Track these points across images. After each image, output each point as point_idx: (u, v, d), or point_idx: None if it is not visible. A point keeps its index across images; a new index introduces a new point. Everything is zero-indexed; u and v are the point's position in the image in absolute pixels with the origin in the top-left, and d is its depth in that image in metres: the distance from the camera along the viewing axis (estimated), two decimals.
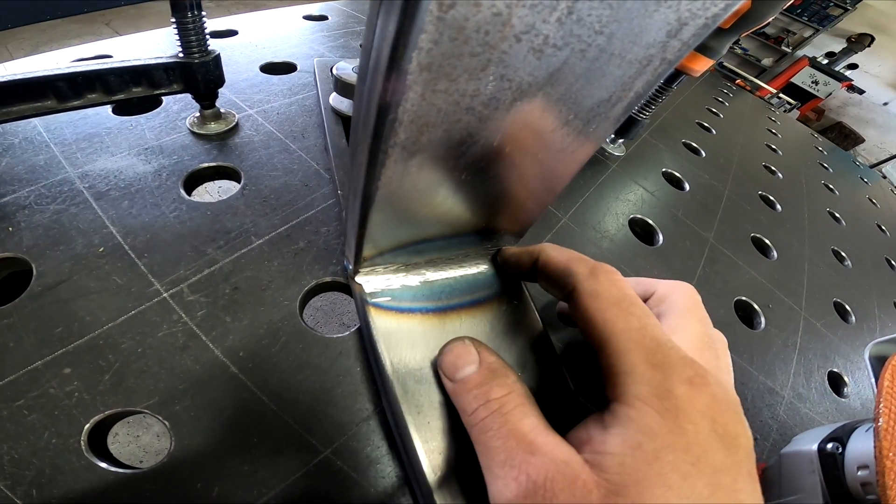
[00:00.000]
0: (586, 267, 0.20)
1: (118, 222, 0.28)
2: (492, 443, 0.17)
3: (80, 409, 0.21)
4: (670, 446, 0.14)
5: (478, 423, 0.18)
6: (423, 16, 0.11)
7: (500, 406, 0.17)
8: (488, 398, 0.18)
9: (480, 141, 0.16)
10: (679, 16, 0.13)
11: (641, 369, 0.16)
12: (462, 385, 0.19)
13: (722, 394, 0.16)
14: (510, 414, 0.17)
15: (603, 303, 0.18)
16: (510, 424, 0.17)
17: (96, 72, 0.28)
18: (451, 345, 0.21)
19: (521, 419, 0.17)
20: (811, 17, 3.41)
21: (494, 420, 0.17)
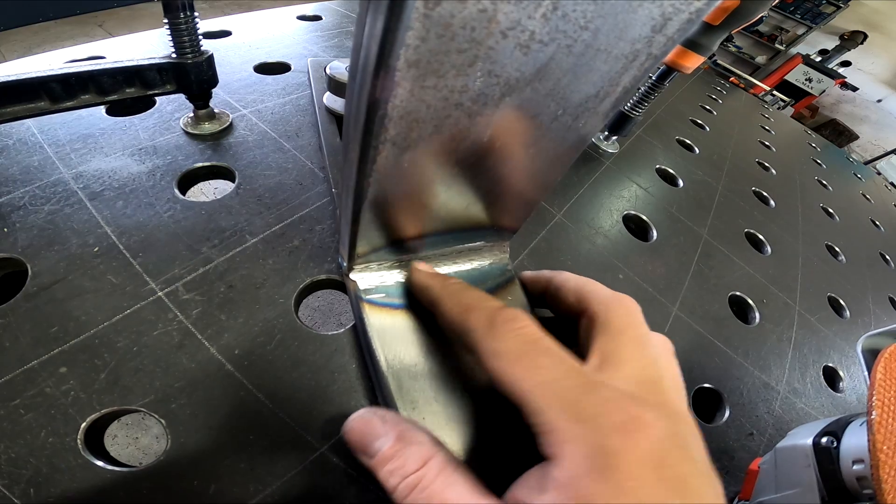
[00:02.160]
0: (484, 319, 0.18)
1: (113, 222, 0.28)
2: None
3: (77, 408, 0.21)
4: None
5: (404, 500, 0.16)
6: (410, 13, 0.11)
7: (419, 480, 0.16)
8: (405, 474, 0.16)
9: (471, 137, 0.16)
10: (663, 11, 0.13)
11: (565, 427, 0.15)
12: (377, 462, 0.17)
13: (663, 430, 0.15)
14: (432, 487, 0.16)
15: (504, 361, 0.17)
16: (435, 498, 0.16)
17: (89, 73, 0.28)
18: (354, 419, 0.19)
19: (444, 490, 0.16)
20: (804, 14, 3.43)
21: (418, 497, 0.16)
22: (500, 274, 0.27)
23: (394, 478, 0.16)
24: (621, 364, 0.17)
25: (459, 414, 0.21)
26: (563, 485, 0.14)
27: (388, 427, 0.18)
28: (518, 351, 0.17)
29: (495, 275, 0.27)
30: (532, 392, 0.16)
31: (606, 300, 0.20)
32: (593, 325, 0.19)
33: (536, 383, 0.16)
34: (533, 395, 0.16)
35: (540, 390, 0.16)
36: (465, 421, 0.21)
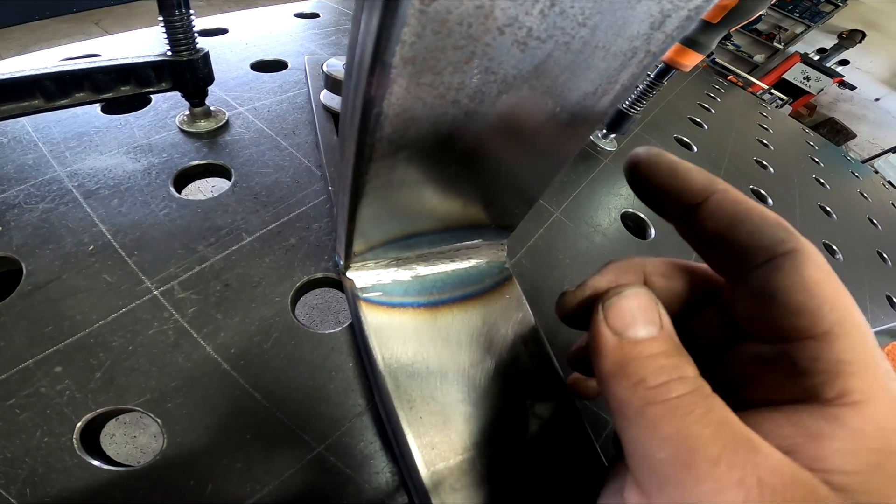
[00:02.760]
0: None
1: (108, 221, 0.28)
2: (695, 430, 0.12)
3: (72, 408, 0.20)
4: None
5: (666, 401, 0.13)
6: (406, 9, 0.11)
7: (700, 386, 0.13)
8: (683, 374, 0.13)
9: (468, 134, 0.16)
10: (662, 8, 0.13)
11: (881, 372, 0.13)
12: (638, 346, 0.14)
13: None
14: (713, 399, 0.13)
15: (837, 282, 0.14)
16: (719, 411, 0.13)
17: (84, 70, 0.28)
18: (627, 291, 0.15)
19: (726, 409, 0.13)
20: (803, 13, 3.43)
21: (697, 402, 0.13)
22: (498, 272, 0.27)
23: (665, 372, 0.13)
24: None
25: (457, 413, 0.21)
26: (864, 429, 0.12)
27: (664, 323, 0.15)
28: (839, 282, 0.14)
29: (493, 273, 0.27)
30: (858, 322, 0.13)
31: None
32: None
33: (861, 318, 0.14)
34: (859, 325, 0.13)
35: (863, 325, 0.13)
36: (465, 420, 0.21)
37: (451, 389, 0.22)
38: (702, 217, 0.16)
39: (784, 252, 0.14)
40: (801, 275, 0.14)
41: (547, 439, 0.22)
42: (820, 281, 0.13)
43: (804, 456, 0.12)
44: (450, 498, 0.19)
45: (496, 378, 0.23)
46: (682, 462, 0.12)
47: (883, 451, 0.12)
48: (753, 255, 0.15)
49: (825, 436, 0.12)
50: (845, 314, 0.13)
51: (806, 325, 0.13)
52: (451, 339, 0.23)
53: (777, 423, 0.13)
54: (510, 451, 0.21)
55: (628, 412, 0.13)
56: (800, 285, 0.14)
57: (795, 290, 0.14)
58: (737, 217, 0.15)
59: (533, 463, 0.21)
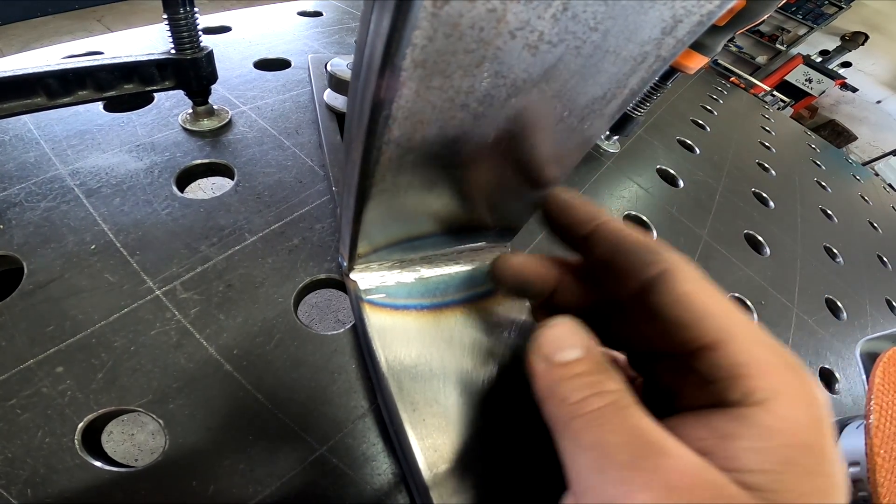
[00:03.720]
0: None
1: (110, 220, 0.27)
2: (608, 438, 0.13)
3: (74, 408, 0.20)
4: (824, 457, 0.12)
5: (585, 414, 0.14)
6: (418, 12, 0.11)
7: (617, 399, 0.14)
8: (601, 388, 0.14)
9: (475, 138, 0.16)
10: (674, 13, 0.13)
11: (781, 367, 0.13)
12: (563, 369, 0.15)
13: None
14: (629, 409, 0.14)
15: (711, 292, 0.15)
16: (633, 420, 0.13)
17: (87, 68, 0.28)
18: (552, 322, 0.16)
19: (642, 417, 0.14)
20: (806, 15, 3.43)
21: (610, 413, 0.14)
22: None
23: (586, 388, 0.14)
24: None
25: (460, 416, 0.21)
26: (771, 427, 0.13)
27: (588, 345, 0.16)
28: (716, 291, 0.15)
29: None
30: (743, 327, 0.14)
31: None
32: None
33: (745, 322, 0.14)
34: (743, 330, 0.14)
35: (749, 329, 0.14)
36: (467, 423, 0.21)
37: (454, 392, 0.22)
38: (590, 246, 0.18)
39: (654, 273, 0.15)
40: (674, 292, 0.15)
41: (549, 442, 0.22)
42: (692, 294, 0.15)
43: (718, 457, 0.13)
44: (452, 499, 0.19)
45: (499, 381, 0.23)
46: (598, 468, 0.13)
47: (794, 446, 0.13)
48: (631, 278, 0.16)
49: (735, 436, 0.13)
50: (727, 321, 0.14)
51: (692, 336, 0.14)
52: (454, 342, 0.23)
53: (693, 427, 0.14)
54: (512, 453, 0.21)
55: (558, 427, 0.15)
56: (673, 302, 0.15)
57: (671, 307, 0.15)
58: (614, 245, 0.17)
59: (534, 465, 0.21)
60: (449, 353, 0.23)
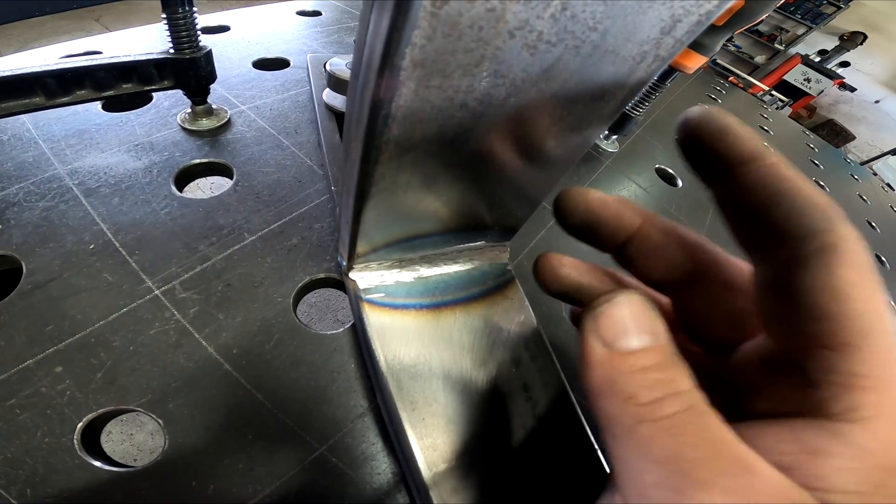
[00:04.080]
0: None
1: (108, 219, 0.27)
2: (686, 452, 0.11)
3: (73, 408, 0.20)
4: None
5: (657, 420, 0.12)
6: (417, 11, 0.11)
7: (694, 403, 0.12)
8: (676, 388, 0.12)
9: (474, 137, 0.16)
10: (673, 13, 0.13)
11: (893, 383, 0.12)
12: (628, 359, 0.13)
13: None
14: (707, 416, 0.12)
15: (874, 287, 0.12)
16: (714, 431, 0.12)
17: (85, 68, 0.28)
18: (618, 298, 0.14)
19: (721, 427, 0.12)
20: (804, 14, 3.43)
21: (687, 420, 0.12)
22: (500, 274, 0.27)
23: (659, 387, 0.12)
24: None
25: (459, 415, 0.21)
26: (866, 448, 0.11)
27: (658, 331, 0.13)
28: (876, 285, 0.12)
29: (495, 275, 0.27)
30: (886, 335, 0.12)
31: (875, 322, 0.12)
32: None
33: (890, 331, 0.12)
34: (886, 338, 0.12)
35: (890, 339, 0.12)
36: (466, 422, 0.21)
37: (453, 391, 0.22)
38: (743, 187, 0.14)
39: (820, 246, 0.12)
40: (833, 275, 0.12)
41: (548, 441, 0.22)
42: (853, 284, 0.12)
43: (803, 474, 0.11)
44: (451, 499, 0.19)
45: (498, 380, 0.23)
46: (672, 487, 0.11)
47: (889, 469, 0.11)
48: (786, 241, 0.13)
49: (827, 453, 0.12)
50: (873, 325, 0.12)
51: (827, 332, 0.12)
52: (453, 341, 0.23)
53: (778, 438, 0.12)
54: (511, 452, 0.21)
55: (617, 430, 0.12)
56: (829, 287, 0.12)
57: (823, 292, 0.12)
58: (779, 194, 0.13)
59: (534, 465, 0.21)
60: (448, 353, 0.23)
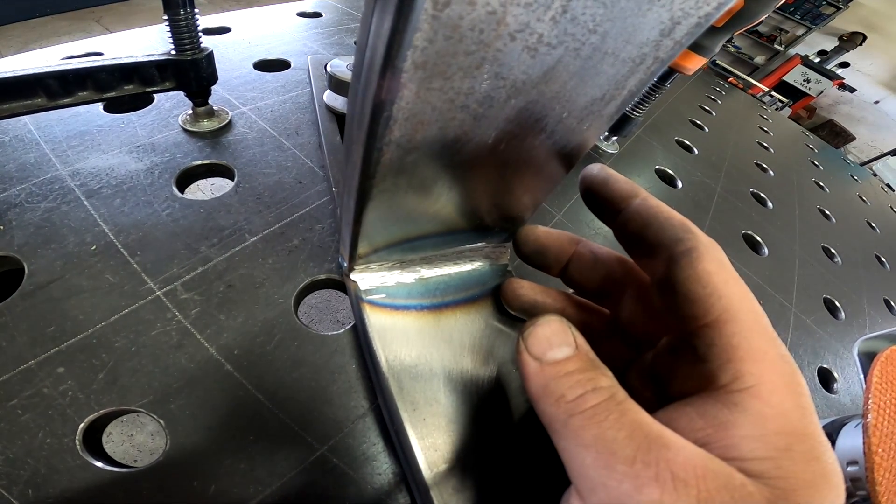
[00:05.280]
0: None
1: (110, 220, 0.27)
2: (610, 434, 0.13)
3: (75, 409, 0.20)
4: (818, 443, 0.13)
5: (583, 411, 0.14)
6: (419, 14, 0.11)
7: (614, 394, 0.14)
8: (597, 385, 0.14)
9: (475, 139, 0.16)
10: (672, 15, 0.13)
11: (772, 355, 0.14)
12: (555, 367, 0.15)
13: None
14: (626, 403, 0.14)
15: (730, 276, 0.15)
16: (632, 414, 0.14)
17: (87, 69, 0.28)
18: (541, 321, 0.17)
19: (639, 411, 0.14)
20: (804, 15, 3.44)
21: (609, 408, 0.14)
22: (501, 275, 0.27)
23: (581, 386, 0.14)
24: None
25: (460, 415, 0.21)
26: (765, 415, 0.13)
27: (578, 343, 0.16)
28: (735, 275, 0.16)
29: (495, 276, 0.27)
30: (749, 314, 0.15)
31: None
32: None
33: (752, 308, 0.15)
34: (749, 316, 0.15)
35: (754, 317, 0.15)
36: (467, 423, 0.21)
37: (454, 391, 0.22)
38: (625, 219, 0.19)
39: (683, 249, 0.16)
40: (696, 268, 0.15)
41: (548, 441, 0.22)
42: (711, 272, 0.15)
43: (717, 446, 0.13)
44: (452, 499, 0.19)
45: (499, 380, 0.23)
46: (603, 464, 0.13)
47: (788, 434, 0.13)
48: (660, 252, 0.17)
49: (731, 424, 0.13)
50: (734, 301, 0.15)
51: (699, 312, 0.15)
52: (454, 342, 0.23)
53: (689, 417, 0.15)
54: (512, 452, 0.21)
55: (556, 426, 0.15)
56: (693, 277, 0.15)
57: (690, 282, 0.15)
58: (649, 219, 0.18)
59: (534, 464, 0.21)
60: (449, 353, 0.23)
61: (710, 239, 0.16)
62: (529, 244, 0.24)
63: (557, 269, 0.23)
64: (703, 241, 0.16)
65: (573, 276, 0.23)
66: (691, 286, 0.15)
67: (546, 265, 0.24)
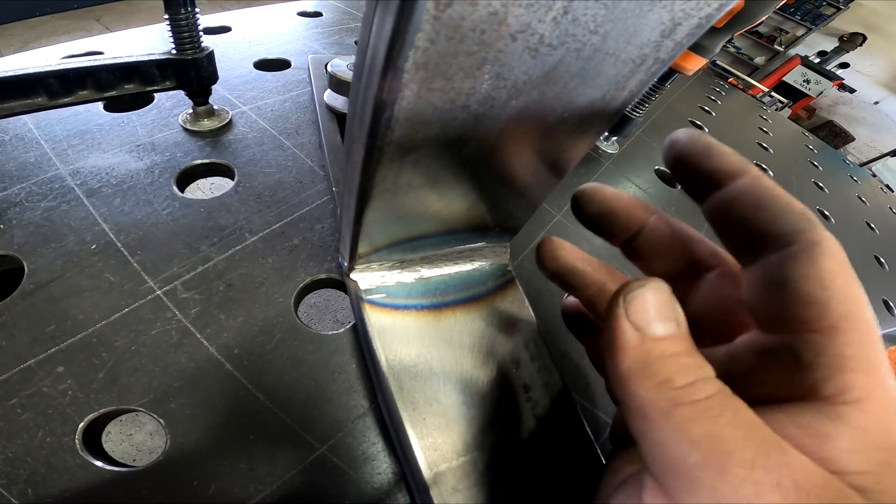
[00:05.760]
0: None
1: (110, 219, 0.27)
2: (727, 432, 0.12)
3: (74, 408, 0.20)
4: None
5: (695, 402, 0.12)
6: (420, 14, 0.11)
7: (724, 388, 0.13)
8: (707, 374, 0.13)
9: (476, 139, 0.16)
10: (673, 16, 0.13)
11: (877, 366, 0.13)
12: (660, 344, 0.13)
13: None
14: (738, 400, 0.12)
15: (852, 278, 0.13)
16: (747, 413, 0.12)
17: (87, 68, 0.28)
18: (650, 284, 0.14)
19: (750, 410, 0.12)
20: (804, 16, 3.43)
21: (725, 403, 0.12)
22: (501, 275, 0.27)
23: (690, 372, 0.13)
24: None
25: (460, 415, 0.21)
26: (867, 429, 0.12)
27: (680, 321, 0.14)
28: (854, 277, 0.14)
29: (496, 275, 0.27)
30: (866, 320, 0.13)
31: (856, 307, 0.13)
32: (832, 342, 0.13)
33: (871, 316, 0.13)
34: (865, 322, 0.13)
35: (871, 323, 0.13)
36: (466, 422, 0.21)
37: (453, 391, 0.22)
38: (728, 199, 0.16)
39: (803, 242, 0.14)
40: (816, 265, 0.13)
41: (548, 441, 0.22)
42: (834, 273, 0.13)
43: (815, 458, 0.12)
44: (452, 499, 0.19)
45: (498, 380, 0.23)
46: (716, 466, 0.11)
47: (889, 450, 0.12)
48: (773, 240, 0.14)
49: (831, 436, 0.12)
50: (854, 309, 0.13)
51: (813, 316, 0.13)
52: (453, 342, 0.23)
53: (781, 424, 0.13)
54: (511, 452, 0.21)
55: (651, 413, 0.13)
56: (813, 276, 0.13)
57: (808, 281, 0.13)
58: (763, 202, 0.15)
59: (534, 464, 0.21)
60: (449, 353, 0.23)
61: (831, 235, 0.14)
62: (595, 204, 0.20)
63: (622, 239, 0.20)
64: (826, 236, 0.14)
65: (642, 249, 0.20)
66: (810, 287, 0.13)
67: (610, 231, 0.20)
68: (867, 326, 0.13)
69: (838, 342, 0.13)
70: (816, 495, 0.11)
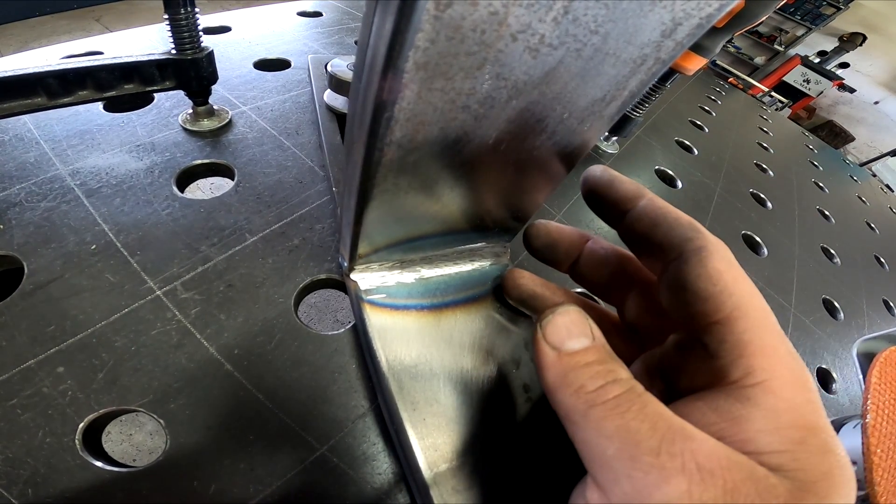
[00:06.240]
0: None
1: (110, 220, 0.27)
2: (634, 425, 0.13)
3: (74, 408, 0.20)
4: (830, 436, 0.13)
5: (605, 402, 0.14)
6: (421, 14, 0.11)
7: (633, 386, 0.14)
8: (617, 376, 0.14)
9: (476, 139, 0.16)
10: (673, 16, 0.13)
11: (782, 350, 0.14)
12: (573, 358, 0.15)
13: None
14: (645, 395, 0.14)
15: (739, 274, 0.16)
16: (653, 406, 0.14)
17: (87, 68, 0.28)
18: (560, 310, 0.17)
19: (658, 403, 0.14)
20: (804, 15, 3.44)
21: (630, 400, 0.14)
22: (501, 275, 0.27)
23: (601, 377, 0.14)
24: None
25: (460, 415, 0.21)
26: (778, 409, 0.13)
27: (595, 335, 0.16)
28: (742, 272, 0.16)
29: (495, 276, 0.27)
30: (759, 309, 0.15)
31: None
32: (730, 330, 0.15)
33: (762, 305, 0.15)
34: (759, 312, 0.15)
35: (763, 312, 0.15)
36: (467, 422, 0.21)
37: (454, 391, 0.22)
38: (631, 220, 0.19)
39: (692, 248, 0.16)
40: (705, 266, 0.16)
41: (549, 441, 0.22)
42: (721, 271, 0.15)
43: (732, 440, 0.13)
44: (452, 499, 0.19)
45: (499, 380, 0.23)
46: (628, 455, 0.13)
47: (801, 427, 0.13)
48: (670, 250, 0.17)
49: (744, 418, 0.14)
50: (744, 298, 0.15)
51: (710, 309, 0.15)
52: (454, 342, 0.23)
53: (702, 412, 0.15)
54: (512, 452, 0.21)
55: (575, 416, 0.14)
56: (703, 275, 0.15)
57: (700, 279, 0.16)
58: (657, 219, 0.18)
59: (535, 465, 0.21)
60: (449, 353, 0.23)
61: (717, 238, 0.17)
62: (541, 238, 0.23)
63: (567, 265, 0.23)
64: (711, 240, 0.16)
65: (582, 273, 0.23)
66: (702, 284, 0.15)
67: (556, 260, 0.24)
68: (761, 314, 0.15)
69: (736, 329, 0.15)
70: (722, 476, 0.12)
